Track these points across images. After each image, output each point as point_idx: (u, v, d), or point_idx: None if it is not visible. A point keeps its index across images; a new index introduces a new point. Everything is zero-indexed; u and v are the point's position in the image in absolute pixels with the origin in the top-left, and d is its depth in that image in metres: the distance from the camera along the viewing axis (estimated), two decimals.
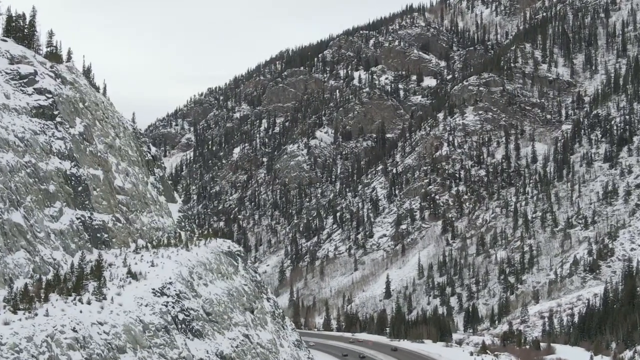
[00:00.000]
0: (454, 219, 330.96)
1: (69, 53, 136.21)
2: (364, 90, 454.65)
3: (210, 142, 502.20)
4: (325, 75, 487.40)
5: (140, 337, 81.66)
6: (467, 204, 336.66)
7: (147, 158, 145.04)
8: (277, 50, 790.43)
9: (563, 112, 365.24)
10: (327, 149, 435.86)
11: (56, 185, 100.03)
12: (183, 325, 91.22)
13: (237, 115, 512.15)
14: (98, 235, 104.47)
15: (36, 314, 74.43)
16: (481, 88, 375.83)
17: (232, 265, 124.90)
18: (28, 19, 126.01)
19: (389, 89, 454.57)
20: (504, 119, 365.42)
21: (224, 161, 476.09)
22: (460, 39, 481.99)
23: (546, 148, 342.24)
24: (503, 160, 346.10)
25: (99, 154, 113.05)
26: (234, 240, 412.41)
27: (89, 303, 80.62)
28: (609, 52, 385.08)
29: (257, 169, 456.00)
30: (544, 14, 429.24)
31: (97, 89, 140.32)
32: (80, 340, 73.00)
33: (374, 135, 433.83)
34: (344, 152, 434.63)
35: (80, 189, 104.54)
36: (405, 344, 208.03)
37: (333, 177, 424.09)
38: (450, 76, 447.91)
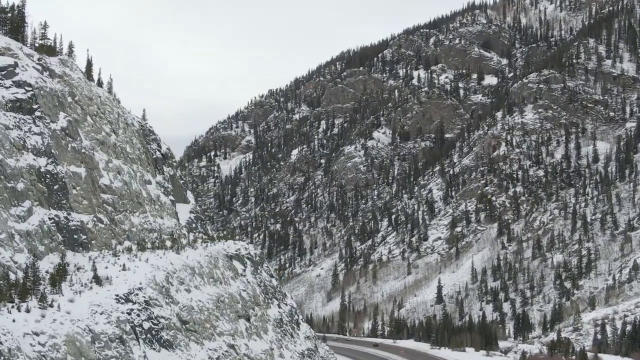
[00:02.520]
0: (510, 221, 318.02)
1: (70, 46, 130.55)
2: (422, 90, 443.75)
3: (269, 144, 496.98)
4: (384, 75, 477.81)
5: (86, 348, 74.15)
6: (524, 205, 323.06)
7: (154, 156, 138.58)
8: (338, 51, 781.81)
9: (627, 109, 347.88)
10: (384, 150, 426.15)
11: (26, 183, 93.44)
12: (149, 335, 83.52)
13: (297, 116, 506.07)
14: (75, 236, 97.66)
15: None
16: (541, 85, 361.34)
17: (232, 269, 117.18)
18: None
19: (449, 88, 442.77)
20: (564, 117, 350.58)
21: (282, 163, 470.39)
22: (522, 35, 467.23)
23: (608, 147, 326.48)
24: (563, 160, 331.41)
25: (83, 150, 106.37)
26: (289, 242, 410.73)
27: (27, 311, 73.42)
28: None
29: (315, 171, 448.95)
30: (610, 8, 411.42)
31: (100, 83, 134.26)
32: (4, 353, 65.72)
33: (433, 136, 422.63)
34: (401, 153, 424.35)
35: (56, 187, 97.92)
36: (444, 353, 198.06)
37: (390, 178, 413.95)
38: (511, 74, 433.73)
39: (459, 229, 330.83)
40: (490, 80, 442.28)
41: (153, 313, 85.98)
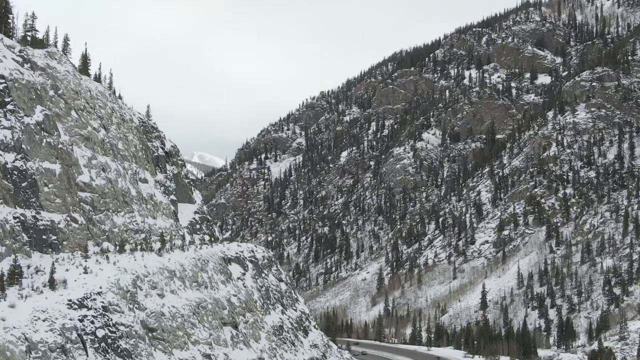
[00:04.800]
0: (559, 224, 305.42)
1: (66, 39, 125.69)
2: (474, 90, 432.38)
3: (319, 146, 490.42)
4: (435, 75, 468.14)
5: (19, 359, 67.45)
6: (574, 208, 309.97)
7: (156, 154, 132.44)
8: (391, 51, 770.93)
9: None
10: (433, 152, 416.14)
11: None
12: (103, 344, 76.68)
13: (347, 118, 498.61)
14: (44, 237, 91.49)
15: None
16: (594, 83, 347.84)
17: (225, 272, 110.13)
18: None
19: (501, 88, 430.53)
20: (618, 115, 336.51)
21: (331, 165, 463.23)
22: (578, 33, 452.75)
23: None
24: (615, 161, 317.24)
25: (60, 145, 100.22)
26: (336, 246, 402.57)
27: None
28: None
29: (364, 173, 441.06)
30: None
31: (98, 79, 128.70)
32: None
33: (483, 137, 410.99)
34: (451, 155, 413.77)
35: (24, 184, 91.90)
36: None
37: (439, 180, 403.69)
38: (565, 73, 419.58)
39: (506, 232, 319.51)
40: (544, 79, 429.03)
41: (111, 320, 79.22)
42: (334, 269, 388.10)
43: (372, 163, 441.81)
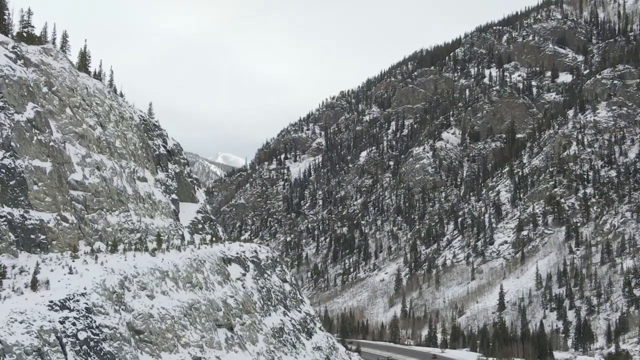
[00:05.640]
0: (579, 224, 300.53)
1: (65, 37, 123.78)
2: (493, 89, 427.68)
3: (339, 146, 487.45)
4: (455, 74, 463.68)
5: None
6: (594, 207, 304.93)
7: (157, 153, 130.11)
8: (411, 50, 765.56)
9: None
10: (453, 151, 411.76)
11: None
12: (85, 347, 74.24)
13: (367, 118, 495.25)
14: (32, 236, 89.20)
15: None
16: (615, 81, 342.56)
17: (222, 273, 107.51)
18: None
19: (521, 87, 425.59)
20: (639, 114, 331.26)
21: (350, 165, 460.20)
22: (600, 30, 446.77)
23: None
24: (637, 160, 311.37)
25: (51, 143, 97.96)
26: (355, 246, 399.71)
27: None
28: None
29: (383, 173, 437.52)
30: None
31: (99, 77, 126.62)
32: None
33: (504, 136, 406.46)
34: (471, 154, 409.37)
35: (13, 182, 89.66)
36: None
37: (458, 180, 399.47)
38: (587, 71, 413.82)
39: (525, 233, 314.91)
40: (565, 77, 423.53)
41: (94, 322, 76.75)
42: (352, 269, 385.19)
43: (391, 163, 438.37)
